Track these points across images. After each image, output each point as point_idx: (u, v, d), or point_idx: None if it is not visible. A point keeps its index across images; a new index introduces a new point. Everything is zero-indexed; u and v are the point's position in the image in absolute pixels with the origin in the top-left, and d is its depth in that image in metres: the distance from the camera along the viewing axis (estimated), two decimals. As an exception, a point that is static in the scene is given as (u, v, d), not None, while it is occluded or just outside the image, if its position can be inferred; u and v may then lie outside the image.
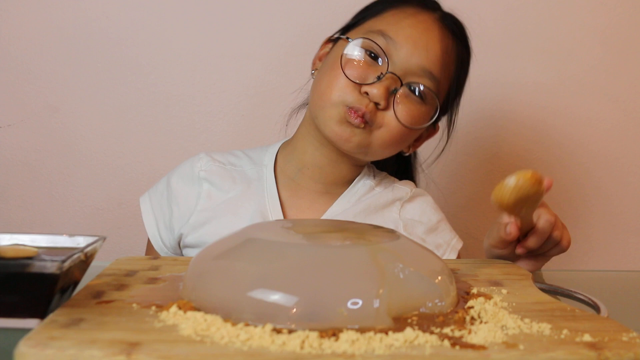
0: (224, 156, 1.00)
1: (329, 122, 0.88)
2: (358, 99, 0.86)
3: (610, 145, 1.31)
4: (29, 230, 1.08)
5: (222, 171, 0.96)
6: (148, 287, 0.61)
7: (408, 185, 1.00)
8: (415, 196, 0.98)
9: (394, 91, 0.87)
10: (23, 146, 1.27)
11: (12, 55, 1.26)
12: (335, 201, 0.94)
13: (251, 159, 0.99)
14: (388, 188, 0.97)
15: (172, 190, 0.97)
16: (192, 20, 1.27)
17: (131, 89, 1.27)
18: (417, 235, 0.93)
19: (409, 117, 0.88)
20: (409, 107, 0.88)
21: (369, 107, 0.86)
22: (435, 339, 0.47)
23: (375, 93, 0.86)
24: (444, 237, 0.95)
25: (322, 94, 0.89)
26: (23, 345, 0.44)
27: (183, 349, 0.44)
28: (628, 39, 1.29)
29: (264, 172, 0.96)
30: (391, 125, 0.88)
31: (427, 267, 0.57)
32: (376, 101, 0.86)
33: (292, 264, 0.54)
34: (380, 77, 0.86)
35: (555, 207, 1.27)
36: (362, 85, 0.86)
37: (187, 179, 0.97)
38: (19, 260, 0.54)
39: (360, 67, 0.88)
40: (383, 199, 0.96)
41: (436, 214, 0.97)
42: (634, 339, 0.48)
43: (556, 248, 0.77)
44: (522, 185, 0.63)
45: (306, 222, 0.77)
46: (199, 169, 0.97)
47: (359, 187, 0.96)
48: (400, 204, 0.96)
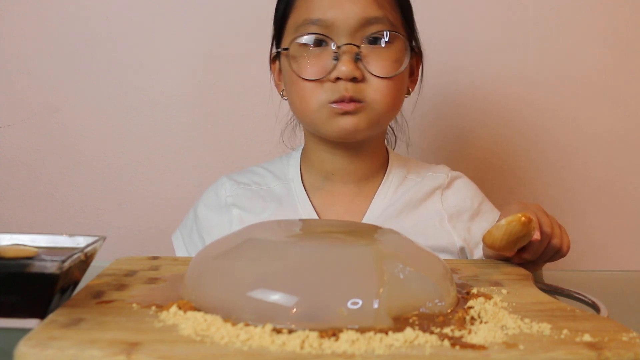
0: (245, 176, 0.97)
1: (327, 125, 0.86)
2: (335, 90, 0.83)
3: (610, 145, 1.31)
4: (29, 230, 1.08)
5: (249, 193, 0.94)
6: (148, 287, 0.61)
7: (443, 170, 0.97)
8: (453, 180, 0.96)
9: (357, 57, 0.84)
10: (23, 146, 1.27)
11: (12, 55, 1.26)
12: (372, 201, 0.92)
13: (274, 175, 0.96)
14: (423, 176, 0.95)
15: (201, 222, 0.94)
16: (192, 20, 1.27)
17: (131, 89, 1.27)
18: (463, 225, 0.91)
19: (387, 67, 0.85)
20: (380, 60, 0.85)
21: (349, 88, 0.83)
22: (435, 339, 0.47)
23: (344, 70, 0.82)
24: (489, 219, 0.93)
25: (303, 110, 0.87)
26: (23, 345, 0.44)
27: (183, 349, 0.44)
28: (628, 39, 1.29)
29: (292, 186, 0.94)
30: (380, 86, 0.85)
31: (427, 267, 0.57)
32: (351, 77, 0.83)
33: (292, 264, 0.54)
34: (337, 56, 0.83)
35: (555, 207, 1.28)
36: (328, 76, 0.83)
37: (214, 207, 0.94)
38: (19, 260, 0.54)
39: (313, 63, 0.85)
40: (422, 190, 0.93)
41: (477, 196, 0.96)
42: (634, 339, 0.48)
43: (556, 255, 0.76)
44: (512, 229, 0.64)
45: (306, 222, 0.77)
46: (225, 196, 0.94)
47: (391, 179, 0.94)
48: (441, 193, 0.94)
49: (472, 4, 1.27)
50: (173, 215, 1.26)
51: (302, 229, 0.68)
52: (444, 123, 1.27)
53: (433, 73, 1.07)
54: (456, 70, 1.28)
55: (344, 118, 0.84)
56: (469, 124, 1.29)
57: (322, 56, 0.85)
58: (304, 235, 0.64)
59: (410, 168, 0.96)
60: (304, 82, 0.85)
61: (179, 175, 1.29)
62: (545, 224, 0.73)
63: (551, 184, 1.31)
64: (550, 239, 0.74)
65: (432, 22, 1.26)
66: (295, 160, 0.97)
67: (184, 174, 1.29)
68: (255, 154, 1.26)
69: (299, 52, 0.86)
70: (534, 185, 1.31)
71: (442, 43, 1.25)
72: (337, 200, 0.92)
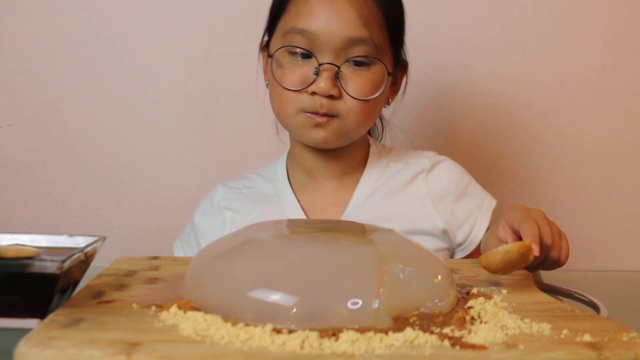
0: (239, 182, 1.02)
1: (299, 131, 0.89)
2: (311, 103, 0.86)
3: (610, 145, 1.31)
4: (29, 230, 1.08)
5: (240, 196, 0.99)
6: (148, 287, 0.61)
7: (426, 155, 0.98)
8: (437, 164, 0.96)
9: (336, 75, 0.85)
10: (23, 146, 1.27)
11: (12, 55, 1.26)
12: (354, 192, 0.94)
13: (264, 178, 1.00)
14: (405, 162, 0.96)
15: (197, 226, 0.99)
16: (191, 20, 1.27)
17: (131, 89, 1.27)
18: (447, 208, 0.92)
19: (364, 89, 0.86)
20: (359, 81, 0.86)
21: (324, 104, 0.85)
22: (435, 339, 0.47)
23: (322, 87, 0.85)
24: (475, 200, 0.94)
25: (278, 110, 0.90)
26: (23, 345, 0.44)
27: (183, 349, 0.44)
28: (628, 39, 1.29)
29: (279, 185, 0.97)
30: (354, 105, 0.86)
31: (427, 267, 0.57)
32: (327, 95, 0.85)
33: (292, 264, 0.54)
34: (318, 72, 0.85)
35: (555, 208, 1.28)
36: (307, 88, 0.86)
37: (208, 212, 0.99)
38: (19, 260, 0.54)
39: (295, 72, 0.87)
40: (404, 176, 0.95)
41: (463, 177, 0.96)
42: (634, 339, 0.48)
43: (553, 265, 0.75)
44: (510, 257, 0.64)
45: (306, 222, 0.77)
46: (217, 200, 0.99)
47: (373, 169, 0.96)
48: (425, 176, 0.94)
49: (470, 3, 1.27)
50: (173, 215, 1.26)
51: (302, 229, 0.68)
52: (443, 123, 1.27)
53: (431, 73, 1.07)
54: (454, 70, 1.28)
55: (315, 130, 0.87)
56: (468, 124, 1.29)
57: (304, 67, 0.86)
58: (304, 236, 0.64)
59: (392, 157, 0.98)
60: (281, 89, 0.87)
61: (179, 175, 1.29)
62: (545, 235, 0.71)
63: (551, 184, 1.31)
64: (549, 251, 0.72)
65: (431, 23, 1.26)
66: (282, 162, 1.00)
67: (184, 174, 1.29)
68: (255, 154, 1.26)
69: (282, 57, 0.88)
70: (534, 185, 1.31)
71: (440, 43, 1.25)
72: (321, 194, 0.95)
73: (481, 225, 0.93)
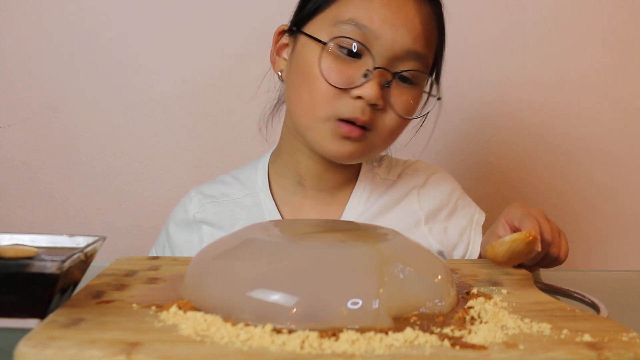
0: (214, 187, 0.93)
1: (322, 141, 0.80)
2: (351, 108, 0.77)
3: (610, 145, 1.31)
4: (29, 230, 1.08)
5: (217, 208, 0.90)
6: (148, 287, 0.61)
7: (419, 167, 0.94)
8: (429, 177, 0.93)
9: (385, 85, 0.78)
10: (23, 146, 1.27)
11: (12, 55, 1.26)
12: (346, 207, 0.88)
13: (242, 184, 0.91)
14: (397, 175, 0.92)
15: (173, 241, 0.91)
16: (192, 20, 1.27)
17: (131, 89, 1.27)
18: (440, 226, 0.90)
19: (407, 107, 0.80)
20: (405, 97, 0.80)
21: (366, 112, 0.77)
22: (435, 339, 0.46)
23: (369, 94, 0.76)
24: (466, 215, 0.92)
25: (307, 110, 0.79)
26: (23, 345, 0.44)
27: (183, 349, 0.44)
28: (628, 39, 1.29)
29: (260, 196, 0.89)
30: (392, 121, 0.80)
31: (427, 267, 0.57)
32: (373, 102, 0.77)
33: (292, 264, 0.54)
34: (368, 75, 0.77)
35: (555, 208, 1.28)
36: (351, 90, 0.77)
37: (183, 226, 0.91)
38: (19, 260, 0.54)
39: (342, 68, 0.77)
40: (397, 191, 0.90)
41: (454, 191, 0.93)
42: (634, 339, 0.48)
43: (553, 263, 0.75)
44: (516, 247, 0.64)
45: (306, 222, 0.77)
46: (193, 212, 0.90)
47: (365, 183, 0.90)
48: (417, 192, 0.91)
49: (470, 3, 1.27)
50: (173, 215, 1.26)
51: (302, 229, 0.68)
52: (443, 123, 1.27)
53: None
54: (455, 71, 1.27)
55: (342, 142, 0.79)
56: (468, 124, 1.29)
57: (354, 65, 0.77)
58: (303, 236, 0.64)
59: (383, 168, 0.92)
60: (322, 84, 0.77)
61: (179, 175, 1.29)
62: (546, 232, 0.72)
63: (551, 184, 1.31)
64: (549, 247, 0.73)
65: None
66: (264, 167, 0.91)
67: (184, 174, 1.29)
68: (255, 154, 1.26)
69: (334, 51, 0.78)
70: (534, 185, 1.31)
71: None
72: (308, 208, 0.88)
73: (475, 241, 0.91)
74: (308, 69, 0.79)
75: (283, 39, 0.87)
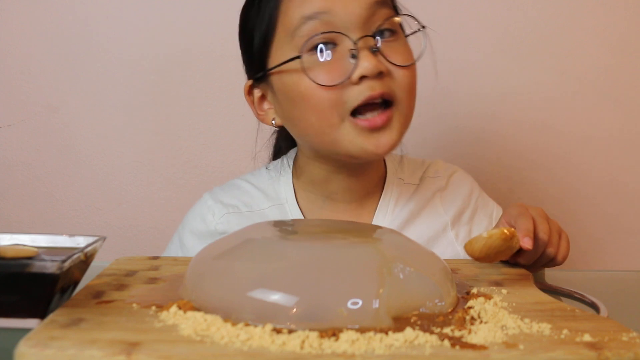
0: (232, 194, 0.88)
1: (351, 143, 0.76)
2: (358, 92, 0.73)
3: (610, 145, 1.31)
4: (29, 230, 1.08)
5: (241, 219, 0.84)
6: (148, 287, 0.61)
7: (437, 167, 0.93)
8: (449, 179, 0.92)
9: (374, 50, 0.74)
10: (23, 146, 1.27)
11: (12, 55, 1.26)
12: (374, 217, 0.86)
13: (265, 194, 0.88)
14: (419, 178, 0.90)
15: (189, 250, 0.86)
16: (192, 20, 1.27)
17: (131, 89, 1.27)
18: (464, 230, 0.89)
19: (405, 54, 0.77)
20: (396, 47, 0.77)
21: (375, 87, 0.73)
22: (435, 339, 0.46)
23: (369, 67, 0.72)
24: (486, 213, 0.92)
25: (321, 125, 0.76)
26: (23, 345, 0.44)
27: (183, 349, 0.44)
28: (628, 39, 1.29)
29: (286, 209, 0.86)
30: (405, 78, 0.76)
31: (427, 267, 0.57)
32: (377, 72, 0.73)
33: (292, 264, 0.54)
34: (355, 54, 0.73)
35: (555, 207, 1.28)
36: (350, 77, 0.73)
37: (202, 236, 0.86)
38: (19, 260, 0.54)
39: (329, 66, 0.74)
40: (421, 196, 0.89)
41: (474, 190, 0.93)
42: (634, 339, 0.48)
43: (550, 263, 0.75)
44: (492, 243, 0.64)
45: (306, 222, 0.77)
46: (214, 223, 0.86)
47: (392, 189, 0.88)
48: (440, 195, 0.90)
49: (471, 3, 1.27)
50: (173, 216, 1.26)
51: (302, 228, 0.68)
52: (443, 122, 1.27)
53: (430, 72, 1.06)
54: (455, 70, 1.28)
55: (373, 135, 0.75)
56: (468, 123, 1.29)
57: (337, 57, 0.74)
58: (303, 235, 0.64)
59: (406, 171, 0.91)
60: (320, 93, 0.74)
61: (179, 175, 1.29)
62: (542, 231, 0.71)
63: (551, 184, 1.31)
64: (546, 246, 0.72)
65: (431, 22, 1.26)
66: (287, 180, 0.88)
67: (184, 174, 1.29)
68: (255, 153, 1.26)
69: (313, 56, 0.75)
70: (534, 185, 1.31)
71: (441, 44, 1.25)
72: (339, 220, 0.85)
73: None
74: (300, 90, 0.76)
75: (255, 92, 0.85)
